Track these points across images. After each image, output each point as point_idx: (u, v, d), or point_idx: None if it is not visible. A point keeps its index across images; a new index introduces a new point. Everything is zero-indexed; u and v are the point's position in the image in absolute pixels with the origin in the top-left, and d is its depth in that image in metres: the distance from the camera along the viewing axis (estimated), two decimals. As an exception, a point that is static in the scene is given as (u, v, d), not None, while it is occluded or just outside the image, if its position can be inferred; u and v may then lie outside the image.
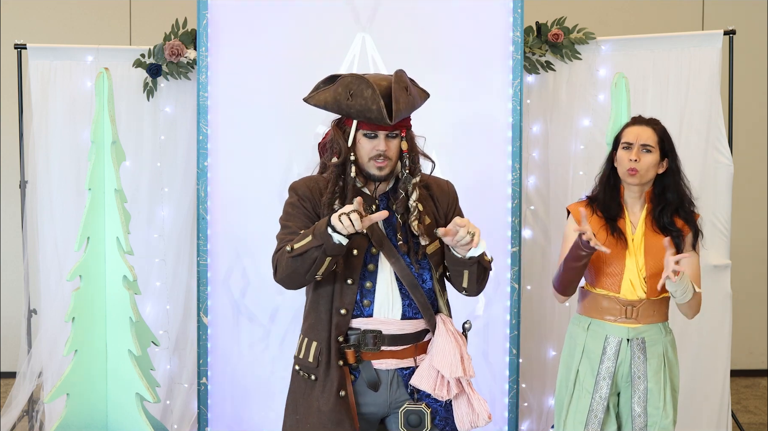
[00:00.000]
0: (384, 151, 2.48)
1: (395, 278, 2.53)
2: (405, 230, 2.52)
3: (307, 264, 2.41)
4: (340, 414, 2.46)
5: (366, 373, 2.52)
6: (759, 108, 5.79)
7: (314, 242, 2.38)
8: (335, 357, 2.49)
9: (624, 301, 2.90)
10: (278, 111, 3.96)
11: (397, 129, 2.51)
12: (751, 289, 5.73)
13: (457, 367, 2.47)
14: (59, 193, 4.25)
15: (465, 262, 2.46)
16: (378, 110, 2.41)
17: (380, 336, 2.51)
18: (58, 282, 4.19)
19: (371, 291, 2.52)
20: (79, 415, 3.66)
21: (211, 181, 3.96)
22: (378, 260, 2.52)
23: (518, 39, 3.93)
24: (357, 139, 2.51)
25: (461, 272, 2.50)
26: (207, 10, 3.94)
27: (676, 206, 2.94)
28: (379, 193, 2.57)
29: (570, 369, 2.99)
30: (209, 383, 3.99)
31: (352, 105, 2.46)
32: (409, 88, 2.50)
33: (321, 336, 2.52)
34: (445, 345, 2.50)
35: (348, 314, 2.50)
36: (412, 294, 2.52)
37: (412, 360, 2.55)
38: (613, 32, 4.50)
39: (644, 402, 2.91)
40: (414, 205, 2.51)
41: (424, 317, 2.54)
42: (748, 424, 4.90)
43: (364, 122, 2.48)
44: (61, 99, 4.24)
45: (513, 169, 3.94)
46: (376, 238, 2.51)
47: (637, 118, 3.03)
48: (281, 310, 3.99)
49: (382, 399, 2.54)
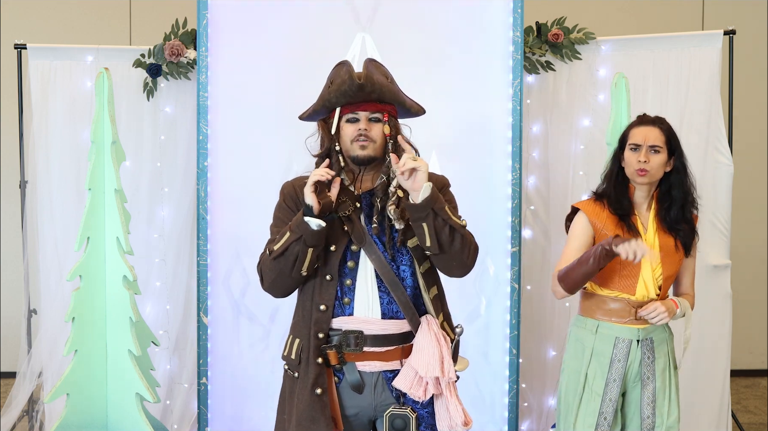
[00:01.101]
0: (365, 129, 2.48)
1: (375, 276, 2.50)
2: (383, 215, 2.50)
3: (290, 261, 2.42)
4: (314, 412, 2.44)
5: (349, 375, 2.49)
6: (759, 108, 5.79)
7: (293, 236, 2.40)
8: (314, 354, 2.47)
9: (635, 302, 2.90)
10: (278, 111, 3.96)
11: (379, 111, 2.50)
12: (751, 289, 5.73)
13: (435, 367, 2.42)
14: (59, 193, 4.25)
15: (419, 209, 2.38)
16: (350, 77, 2.45)
17: (362, 336, 2.47)
18: (58, 282, 4.19)
19: (351, 289, 2.49)
20: (79, 415, 3.66)
21: (211, 181, 3.96)
22: (359, 257, 2.50)
23: (518, 39, 3.93)
24: (341, 126, 2.53)
25: (421, 226, 2.41)
26: (207, 10, 3.94)
27: (682, 203, 2.94)
28: (363, 189, 2.54)
29: (578, 372, 2.96)
30: (209, 383, 3.99)
31: (331, 90, 2.50)
32: (391, 78, 2.54)
33: (303, 333, 2.51)
34: (424, 343, 2.45)
35: (328, 310, 2.48)
36: (393, 292, 2.48)
37: (398, 362, 2.51)
38: (613, 32, 4.50)
39: (653, 402, 2.91)
40: (393, 190, 2.49)
41: (406, 316, 2.49)
42: (748, 424, 4.90)
43: (345, 106, 2.50)
44: (61, 99, 4.25)
45: (513, 169, 3.94)
46: (356, 235, 2.48)
47: (643, 118, 3.00)
48: (281, 310, 3.99)
49: (367, 401, 2.51)
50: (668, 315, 2.84)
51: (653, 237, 2.92)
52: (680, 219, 2.93)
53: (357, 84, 2.45)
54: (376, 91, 2.48)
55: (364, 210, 2.52)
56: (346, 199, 2.51)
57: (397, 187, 2.48)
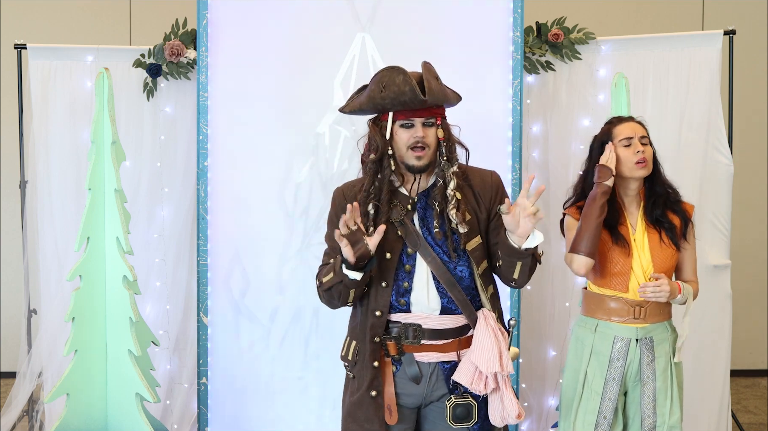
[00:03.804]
0: (422, 137, 2.49)
1: (432, 277, 2.53)
2: (443, 219, 2.52)
3: (336, 296, 2.51)
4: (369, 413, 2.51)
5: (408, 365, 2.54)
6: (759, 108, 5.78)
7: (335, 279, 2.46)
8: (370, 357, 2.52)
9: (632, 302, 2.91)
10: (278, 111, 3.96)
11: (433, 116, 2.51)
12: (751, 289, 5.73)
13: (495, 363, 2.47)
14: (59, 193, 4.25)
15: (520, 253, 2.44)
16: (411, 90, 2.43)
17: (420, 329, 2.52)
18: (58, 282, 4.19)
19: (408, 291, 2.53)
20: (79, 415, 3.66)
21: (211, 181, 3.96)
22: (415, 260, 2.53)
23: (518, 39, 3.93)
24: (394, 131, 2.51)
25: (514, 263, 2.47)
26: (207, 10, 3.94)
27: (665, 198, 2.96)
28: (420, 190, 2.56)
29: (578, 371, 2.97)
30: (209, 383, 3.99)
31: (385, 96, 2.47)
32: (439, 79, 2.54)
33: (359, 336, 2.56)
34: (483, 340, 2.49)
35: (383, 315, 2.52)
36: (450, 292, 2.52)
37: (455, 354, 2.56)
38: (613, 32, 4.50)
39: (653, 401, 2.91)
40: (452, 194, 2.51)
41: (464, 313, 2.53)
42: (748, 424, 4.90)
43: (399, 111, 2.49)
44: (61, 99, 4.24)
45: (513, 169, 3.94)
46: (410, 239, 2.51)
47: (621, 117, 3.05)
48: (281, 310, 3.99)
49: (421, 391, 2.55)
50: (668, 294, 2.83)
51: (642, 236, 2.94)
52: (665, 214, 2.95)
53: (420, 99, 2.45)
54: (434, 100, 2.49)
55: (419, 212, 2.54)
56: (398, 203, 2.53)
57: (455, 190, 2.51)
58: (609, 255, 2.90)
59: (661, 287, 2.83)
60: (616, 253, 2.90)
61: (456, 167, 2.54)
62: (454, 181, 2.52)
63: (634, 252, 2.92)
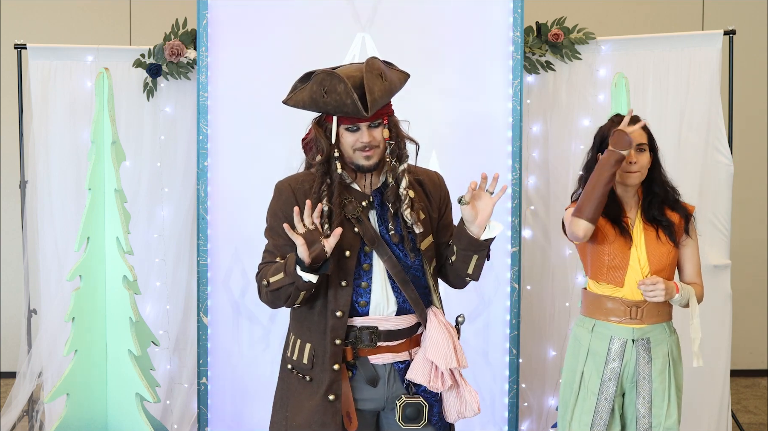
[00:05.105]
0: (368, 141, 2.43)
1: (388, 276, 2.49)
2: (398, 220, 2.48)
3: (283, 298, 2.41)
4: (326, 418, 2.44)
5: (364, 369, 2.49)
6: (759, 108, 5.78)
7: (286, 280, 2.37)
8: (330, 360, 2.45)
9: (629, 302, 2.90)
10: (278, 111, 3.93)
11: (378, 118, 2.44)
12: (751, 289, 5.73)
13: (452, 358, 2.45)
14: (59, 193, 4.25)
15: (479, 245, 2.44)
16: (353, 104, 2.35)
17: (376, 332, 2.48)
18: (58, 282, 4.19)
19: (367, 291, 2.49)
20: (79, 415, 3.66)
21: (211, 181, 3.97)
22: (372, 258, 2.49)
23: (518, 39, 3.93)
24: (339, 134, 2.45)
25: (470, 257, 2.47)
26: (207, 10, 3.94)
27: (663, 197, 2.95)
28: (373, 188, 2.51)
29: (575, 370, 2.98)
30: (209, 383, 3.99)
31: (328, 102, 2.40)
32: (384, 74, 2.44)
33: (315, 338, 2.49)
34: (437, 337, 2.47)
35: (344, 316, 2.46)
36: (404, 291, 2.48)
37: (407, 353, 2.53)
38: (613, 32, 4.50)
39: (649, 402, 2.91)
40: (404, 193, 2.47)
41: (416, 311, 2.51)
42: (748, 424, 4.90)
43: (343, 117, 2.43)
44: (61, 99, 4.24)
45: (513, 169, 3.94)
46: (368, 237, 2.47)
47: (620, 118, 2.99)
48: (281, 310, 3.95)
49: (380, 394, 2.51)
50: (664, 294, 2.83)
51: (640, 235, 2.93)
52: (663, 212, 2.94)
53: (362, 115, 2.37)
54: (376, 108, 2.41)
55: (376, 209, 2.51)
56: (352, 199, 2.48)
57: (407, 188, 2.47)
58: (609, 247, 2.89)
59: (655, 285, 2.82)
60: (616, 246, 2.90)
61: (406, 165, 2.49)
62: (406, 179, 2.48)
63: (634, 247, 2.91)
